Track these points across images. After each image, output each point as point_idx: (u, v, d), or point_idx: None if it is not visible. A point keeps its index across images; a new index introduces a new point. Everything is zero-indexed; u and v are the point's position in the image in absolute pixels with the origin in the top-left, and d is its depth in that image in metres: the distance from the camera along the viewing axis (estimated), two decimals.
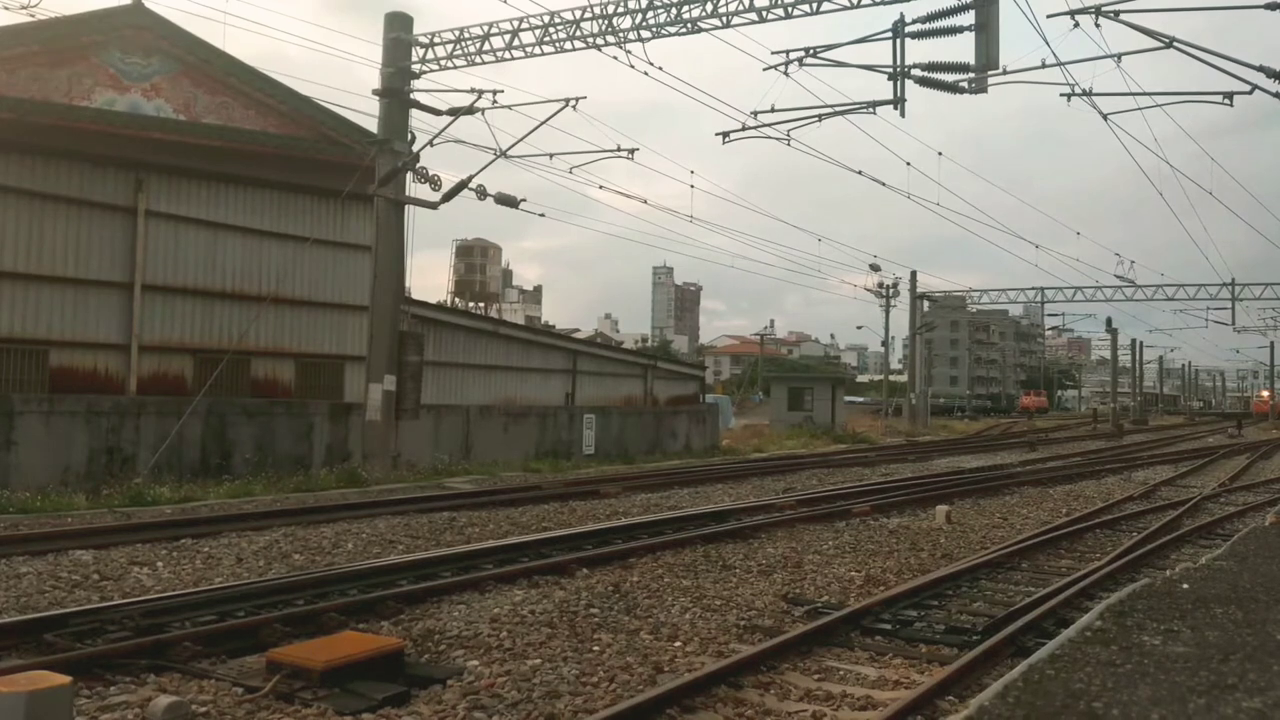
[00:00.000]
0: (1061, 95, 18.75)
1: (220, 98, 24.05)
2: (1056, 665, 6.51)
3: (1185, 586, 9.22)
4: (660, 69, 21.37)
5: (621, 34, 20.54)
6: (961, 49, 31.70)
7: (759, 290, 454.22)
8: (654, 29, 20.31)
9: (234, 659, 7.92)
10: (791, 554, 13.55)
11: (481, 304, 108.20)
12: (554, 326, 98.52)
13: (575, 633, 8.97)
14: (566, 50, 21.10)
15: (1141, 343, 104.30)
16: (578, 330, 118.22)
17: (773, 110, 20.02)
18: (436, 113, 22.40)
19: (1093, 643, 7.11)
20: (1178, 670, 6.42)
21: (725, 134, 21.20)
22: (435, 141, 22.05)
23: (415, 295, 39.85)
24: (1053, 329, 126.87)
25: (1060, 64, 18.05)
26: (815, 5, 18.85)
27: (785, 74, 18.99)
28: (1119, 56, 17.83)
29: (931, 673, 8.00)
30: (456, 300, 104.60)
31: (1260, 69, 16.72)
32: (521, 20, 21.29)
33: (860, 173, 29.79)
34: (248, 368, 23.22)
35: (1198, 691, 5.94)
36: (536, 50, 21.37)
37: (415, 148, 22.49)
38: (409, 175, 22.71)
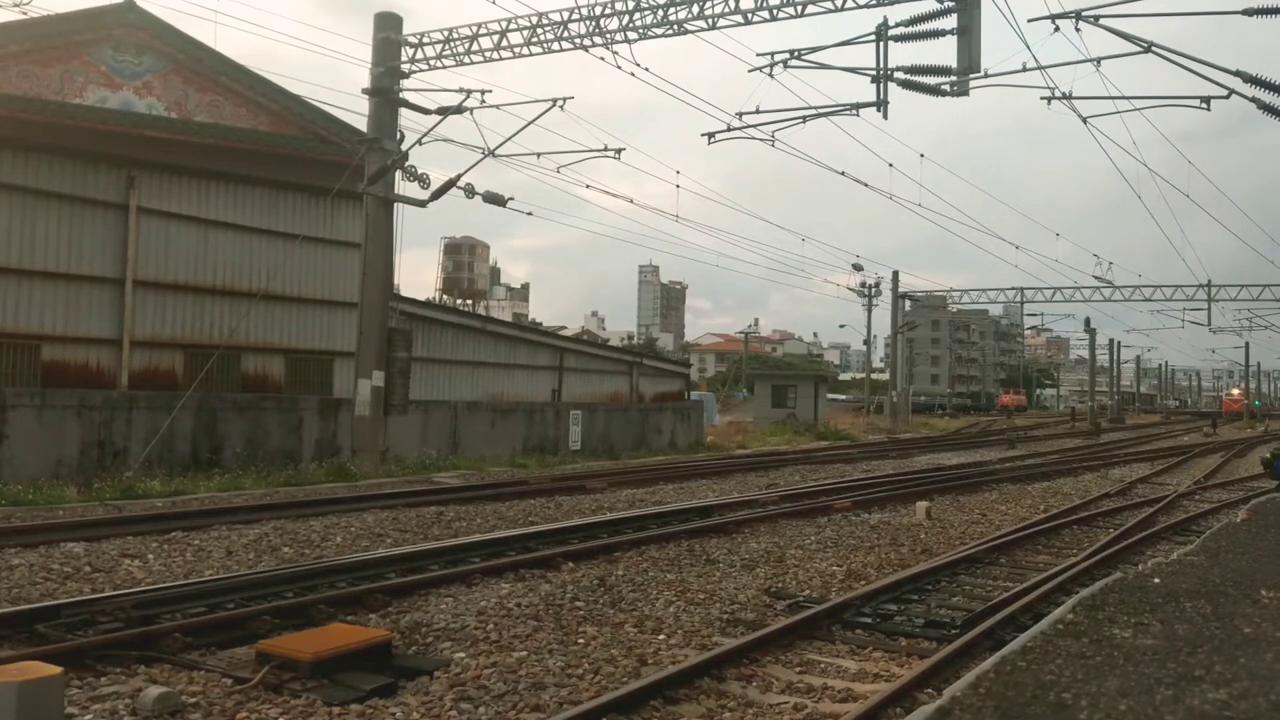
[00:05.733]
0: (1042, 98, 18.91)
1: (212, 96, 24.10)
2: (1028, 657, 6.66)
3: (1157, 581, 9.41)
4: (647, 70, 21.50)
5: (609, 35, 20.64)
6: (944, 52, 31.95)
7: (744, 289, 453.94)
8: (641, 30, 20.40)
9: (224, 650, 8.01)
10: (774, 549, 13.70)
11: (469, 301, 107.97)
12: (541, 324, 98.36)
13: (561, 625, 9.08)
14: (554, 51, 21.19)
15: (1119, 342, 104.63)
16: (565, 327, 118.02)
17: (758, 111, 20.13)
18: (425, 112, 22.48)
19: (1064, 635, 7.27)
20: (1146, 662, 6.57)
21: (711, 135, 21.30)
22: (424, 140, 22.09)
23: (404, 292, 39.99)
24: (1032, 329, 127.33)
25: (1041, 67, 18.21)
26: (800, 8, 18.99)
27: (770, 76, 19.11)
28: (1098, 60, 18.01)
29: (911, 665, 8.14)
30: (444, 297, 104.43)
31: (1237, 73, 16.89)
32: (509, 21, 21.38)
33: (844, 174, 29.94)
34: (238, 363, 23.27)
35: (1165, 683, 6.09)
36: (524, 51, 21.45)
37: (404, 146, 22.53)
38: (398, 173, 22.77)
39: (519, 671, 7.61)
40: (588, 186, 49.61)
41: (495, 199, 24.00)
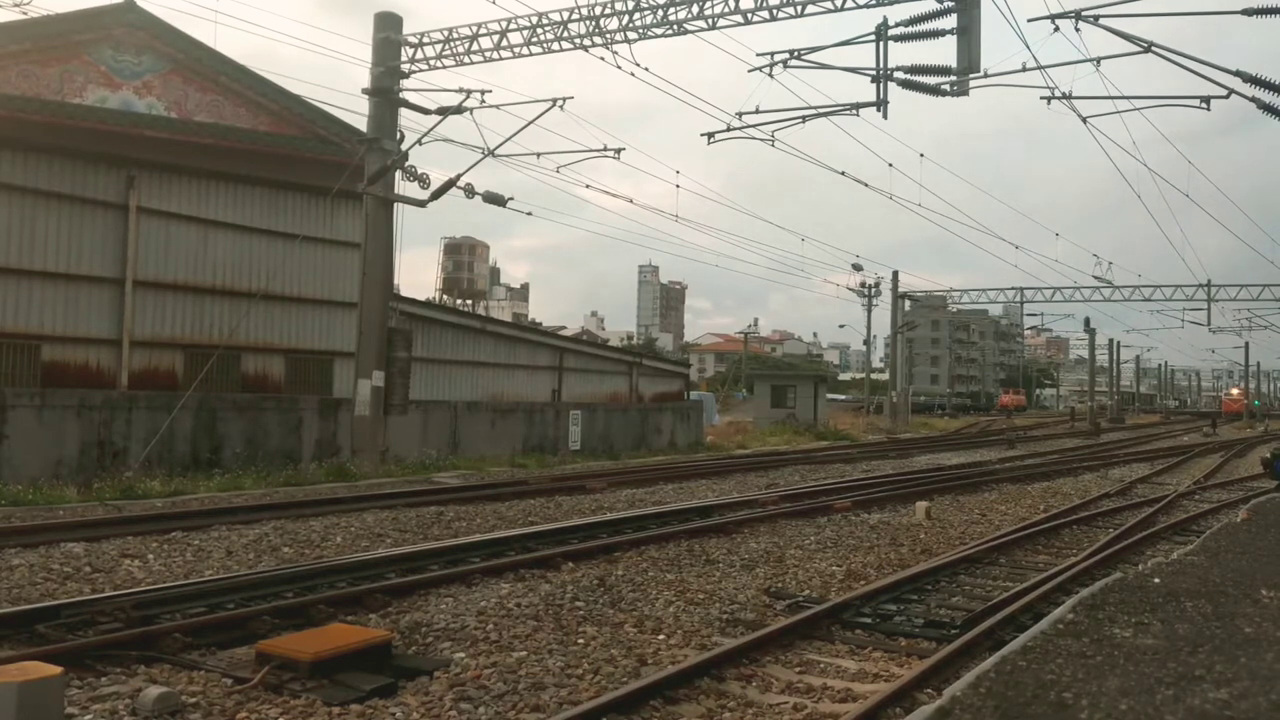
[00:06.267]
0: (1042, 98, 18.91)
1: (211, 96, 24.12)
2: (1028, 657, 6.65)
3: (1157, 581, 9.40)
4: (647, 70, 21.50)
5: (609, 35, 20.65)
6: (944, 52, 31.94)
7: (744, 289, 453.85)
8: (640, 30, 20.41)
9: (224, 650, 8.00)
10: (774, 549, 13.70)
11: (469, 301, 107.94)
12: (541, 324, 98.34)
13: (560, 625, 9.08)
14: (554, 51, 21.19)
15: (1119, 342, 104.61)
16: (564, 328, 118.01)
17: (757, 111, 20.13)
18: (425, 112, 22.48)
19: (1065, 635, 7.26)
20: (1147, 662, 6.56)
21: (710, 135, 21.30)
22: (424, 140, 22.09)
23: (403, 292, 39.94)
24: (1032, 329, 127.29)
25: (1041, 67, 18.21)
26: (800, 8, 18.99)
27: (770, 76, 19.11)
28: (1098, 60, 18.01)
29: (910, 665, 8.13)
30: (444, 297, 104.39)
31: (1236, 73, 16.89)
32: (509, 21, 21.39)
33: (844, 174, 29.92)
34: (238, 363, 23.27)
35: (1166, 682, 6.08)
36: (524, 50, 21.46)
37: (404, 146, 22.53)
38: (398, 173, 22.78)
39: (519, 671, 7.60)
40: (588, 186, 49.63)
41: (495, 199, 24.00)
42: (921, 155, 32.71)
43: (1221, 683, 6.09)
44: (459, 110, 21.55)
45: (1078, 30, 17.08)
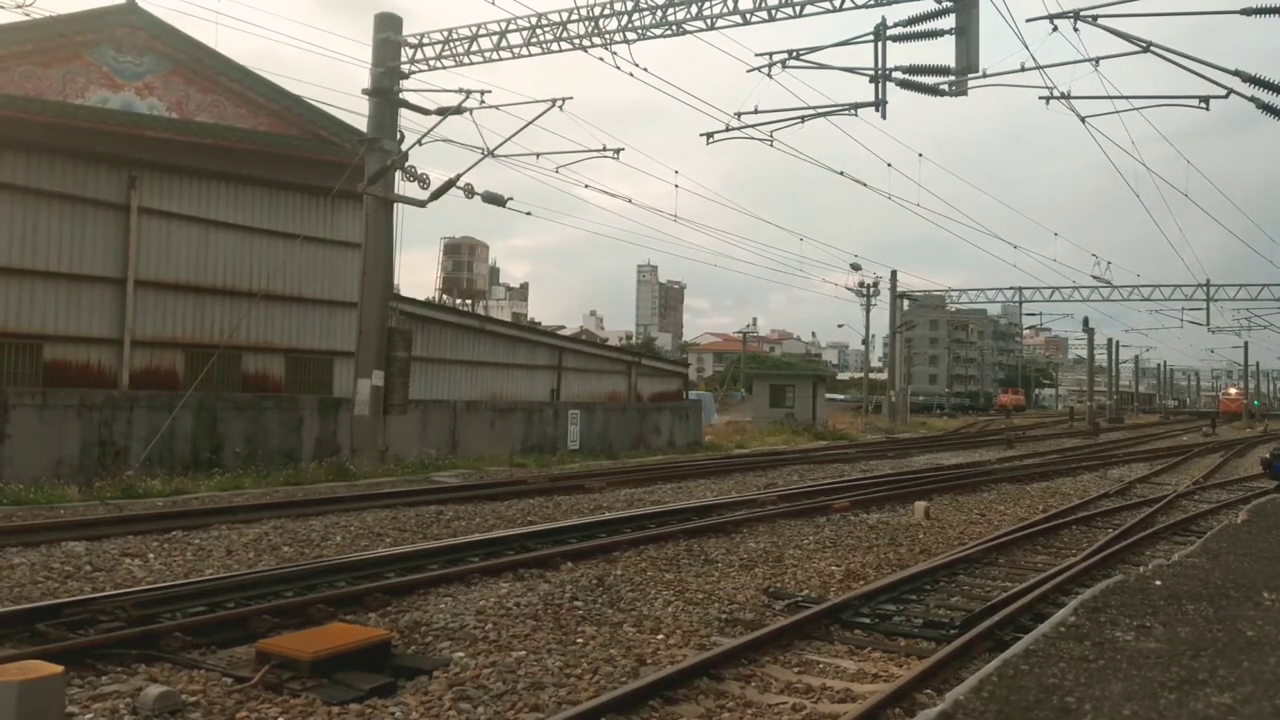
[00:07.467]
0: (1041, 98, 18.92)
1: (212, 96, 24.12)
2: (1031, 660, 6.63)
3: (1158, 583, 9.38)
4: (646, 70, 21.52)
5: (608, 35, 20.66)
6: (942, 52, 31.94)
7: (742, 289, 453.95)
8: (639, 31, 20.42)
9: (224, 649, 8.01)
10: (772, 548, 13.69)
11: (468, 301, 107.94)
12: (540, 323, 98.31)
13: (559, 625, 9.07)
14: (553, 51, 21.22)
15: (1118, 342, 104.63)
16: (563, 327, 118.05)
17: (756, 111, 20.15)
18: (425, 112, 22.51)
19: (1066, 638, 7.24)
20: (1149, 666, 6.53)
21: (709, 135, 21.31)
22: (424, 141, 22.14)
23: (403, 292, 39.93)
24: (1030, 328, 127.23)
25: (1039, 67, 18.21)
26: (798, 8, 19.00)
27: (769, 76, 19.13)
28: (1097, 60, 18.02)
29: (909, 666, 8.13)
30: (444, 297, 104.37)
31: (1235, 73, 16.89)
32: (509, 21, 21.41)
33: (842, 173, 29.90)
34: (238, 362, 23.30)
35: (1169, 687, 6.06)
36: (524, 51, 21.48)
37: (404, 147, 22.57)
38: (398, 174, 22.80)
39: (518, 671, 7.60)
40: (587, 186, 49.72)
41: (495, 199, 24.01)
42: (920, 155, 32.71)
43: (1224, 687, 6.07)
44: (459, 110, 21.58)
45: (1076, 30, 17.09)
